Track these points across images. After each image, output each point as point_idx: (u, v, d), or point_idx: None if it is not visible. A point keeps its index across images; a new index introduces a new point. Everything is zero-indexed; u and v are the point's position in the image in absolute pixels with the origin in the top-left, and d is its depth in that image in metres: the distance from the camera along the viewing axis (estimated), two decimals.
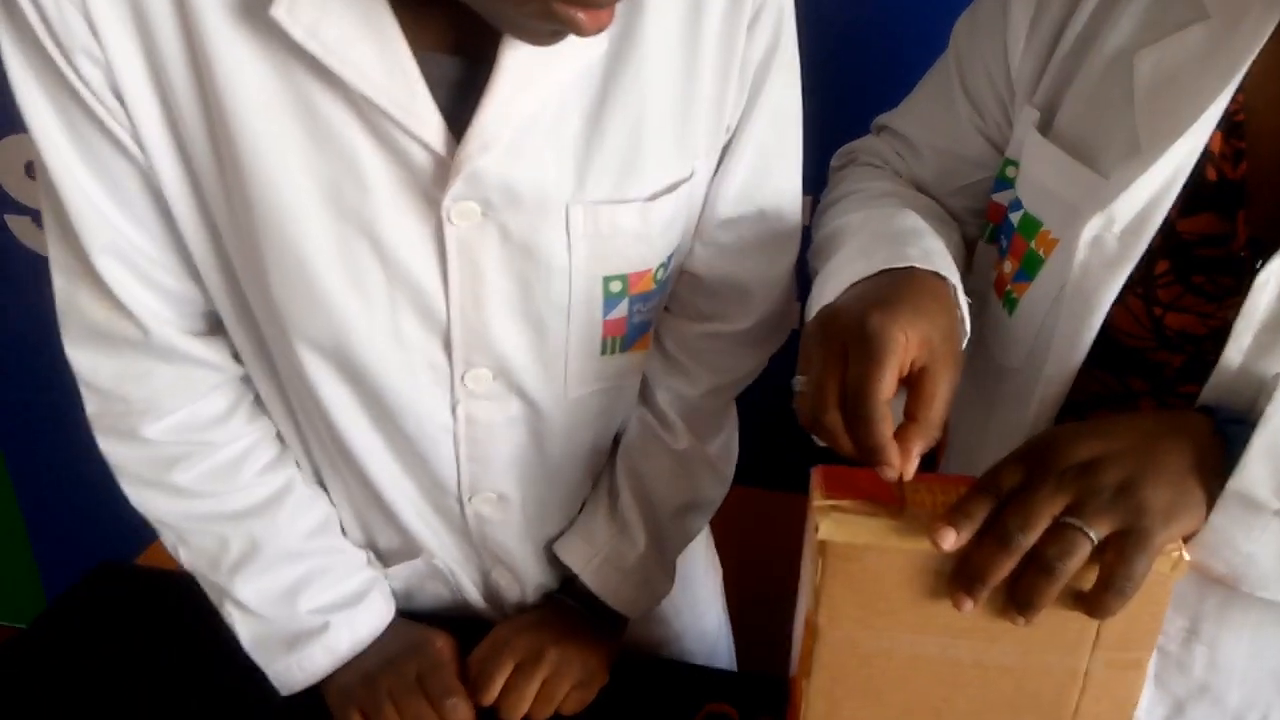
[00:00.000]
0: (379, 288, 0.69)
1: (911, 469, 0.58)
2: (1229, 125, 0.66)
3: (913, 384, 0.60)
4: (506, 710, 0.80)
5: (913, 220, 0.75)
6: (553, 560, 0.89)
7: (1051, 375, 0.73)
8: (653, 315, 0.80)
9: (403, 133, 0.63)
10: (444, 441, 0.78)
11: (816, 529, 0.58)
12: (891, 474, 0.58)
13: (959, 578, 0.57)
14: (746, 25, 0.70)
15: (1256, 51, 0.63)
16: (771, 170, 0.78)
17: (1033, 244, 0.76)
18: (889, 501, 0.59)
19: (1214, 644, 0.72)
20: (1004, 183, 0.82)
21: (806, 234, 0.84)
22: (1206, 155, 0.66)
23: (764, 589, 1.02)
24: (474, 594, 0.90)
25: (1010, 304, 0.79)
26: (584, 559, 0.87)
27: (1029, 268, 0.76)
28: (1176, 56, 0.67)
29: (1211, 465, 0.59)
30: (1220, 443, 0.60)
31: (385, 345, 0.71)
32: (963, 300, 0.68)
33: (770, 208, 0.79)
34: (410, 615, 0.88)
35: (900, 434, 0.58)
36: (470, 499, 0.82)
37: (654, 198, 0.71)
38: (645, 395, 0.87)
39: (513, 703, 0.79)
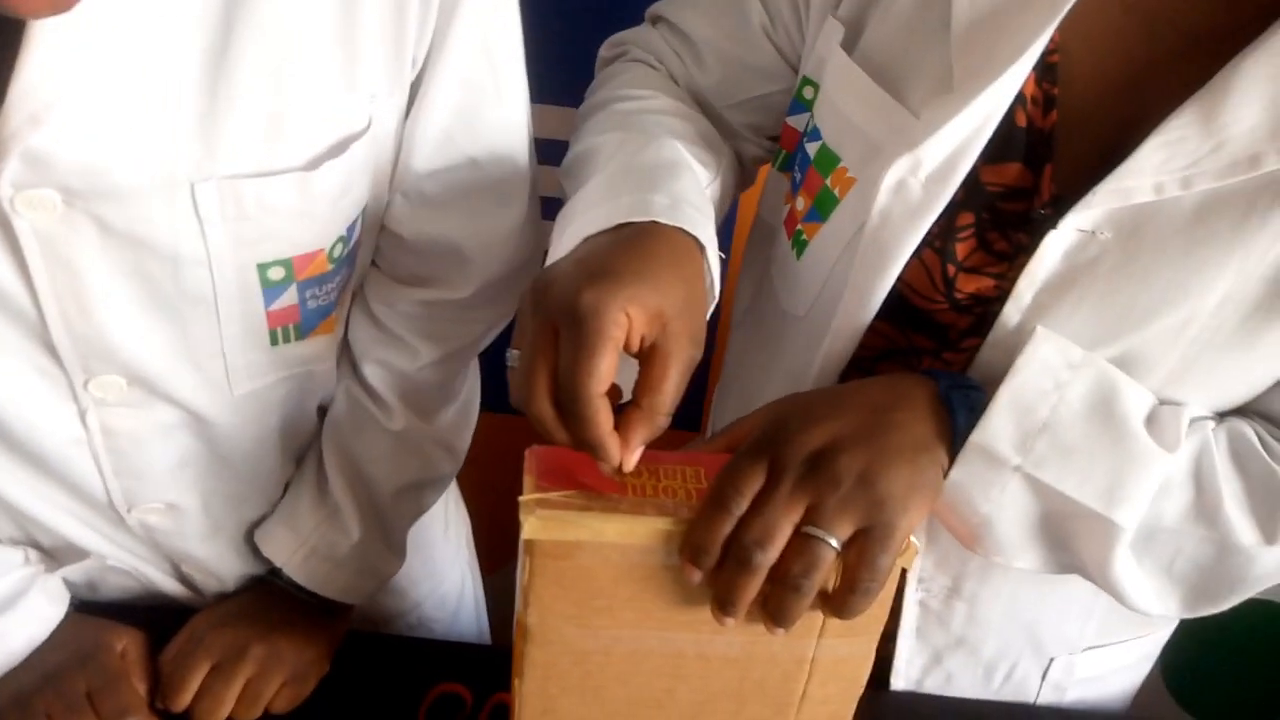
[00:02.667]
0: None
1: (632, 460, 0.52)
2: (1044, 67, 0.61)
3: (642, 363, 0.53)
4: (200, 716, 0.70)
5: (670, 151, 0.66)
6: (255, 548, 0.78)
7: (839, 329, 0.67)
8: (336, 295, 0.68)
9: None
10: (78, 454, 0.65)
11: (522, 525, 0.51)
12: (608, 469, 0.52)
13: (714, 600, 0.52)
14: None
15: None
16: (482, 109, 0.67)
17: (828, 181, 0.69)
18: (606, 488, 0.53)
19: (973, 601, 0.73)
20: (801, 105, 0.74)
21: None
22: (1019, 98, 0.60)
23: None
24: (168, 585, 0.79)
25: (800, 246, 0.72)
26: (288, 551, 0.76)
27: (822, 207, 0.70)
28: None
29: (942, 434, 0.57)
30: (947, 410, 0.58)
31: None
32: (713, 258, 0.60)
33: (484, 154, 0.68)
34: (96, 607, 0.76)
35: (623, 421, 0.52)
36: (129, 511, 0.70)
37: (315, 164, 0.59)
38: (352, 367, 0.76)
39: (207, 708, 0.70)
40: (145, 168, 0.54)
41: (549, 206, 0.70)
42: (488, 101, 0.67)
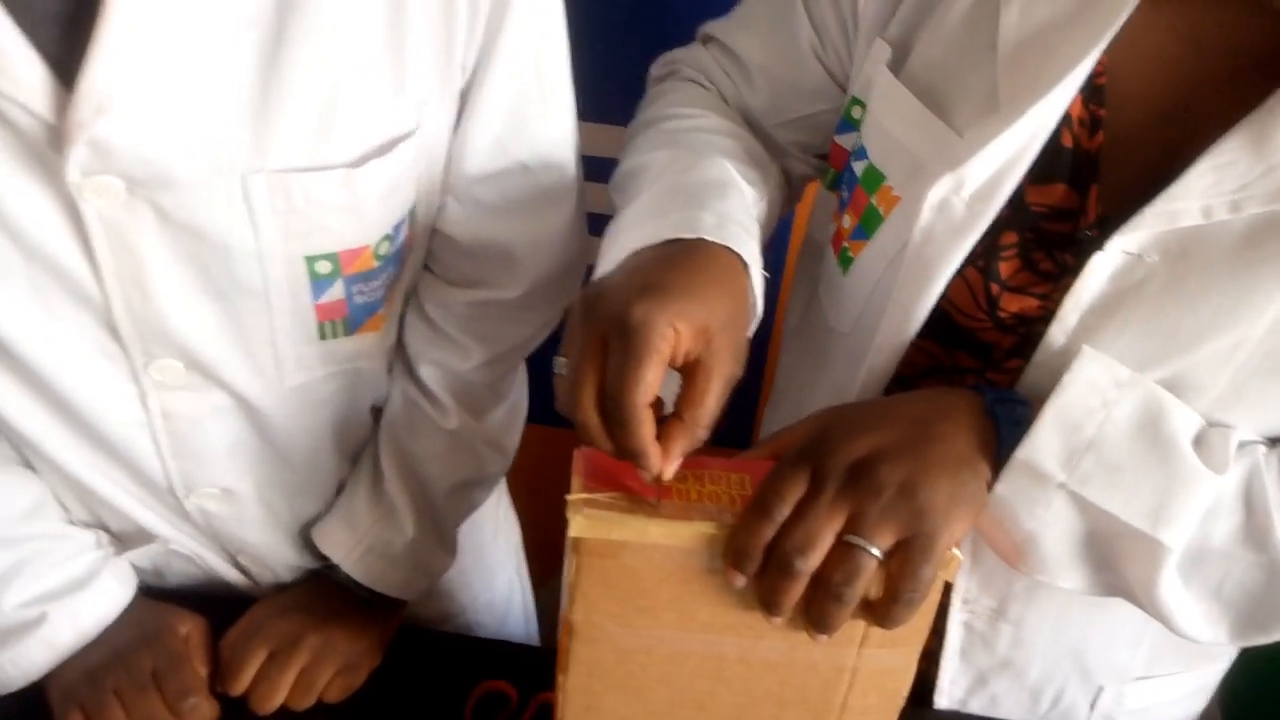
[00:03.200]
0: (15, 268, 0.58)
1: (671, 470, 0.53)
2: (1090, 89, 0.61)
3: (685, 377, 0.54)
4: (257, 701, 0.73)
5: (718, 170, 0.68)
6: (311, 544, 0.81)
7: (881, 346, 0.68)
8: (383, 292, 0.71)
9: None
10: (139, 436, 0.68)
11: (569, 523, 0.53)
12: (649, 478, 0.53)
13: (759, 601, 0.53)
14: None
15: (1131, 9, 0.58)
16: (531, 114, 0.69)
17: (873, 199, 0.70)
18: (650, 494, 0.54)
19: (1019, 623, 0.72)
20: (849, 124, 0.75)
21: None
22: (1065, 119, 0.61)
23: None
24: (230, 573, 0.82)
25: (845, 263, 0.73)
26: (345, 549, 0.79)
27: (867, 225, 0.71)
28: (1046, 6, 0.60)
29: (986, 448, 0.57)
30: (992, 425, 0.58)
31: (39, 332, 0.61)
32: (756, 277, 0.61)
33: (533, 160, 0.70)
34: (162, 592, 0.80)
35: (664, 432, 0.53)
36: (188, 495, 0.73)
37: (361, 162, 0.61)
38: (408, 368, 0.79)
39: (263, 693, 0.73)
40: (200, 159, 0.56)
41: (596, 222, 0.72)
42: (536, 107, 0.69)
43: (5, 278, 0.58)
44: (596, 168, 0.79)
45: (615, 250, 0.61)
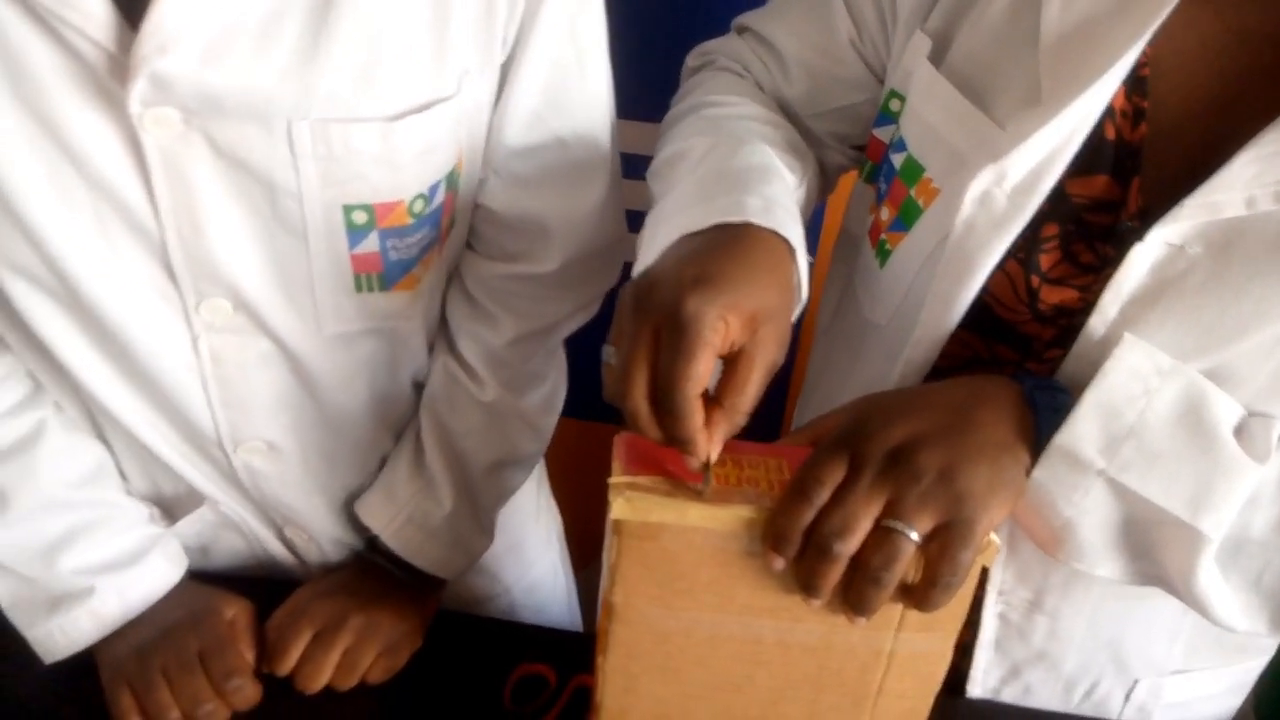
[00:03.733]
0: (83, 199, 0.61)
1: (715, 453, 0.54)
2: (1134, 80, 0.61)
3: (727, 364, 0.55)
4: (302, 681, 0.74)
5: (760, 155, 0.68)
6: (354, 518, 0.83)
7: (920, 339, 0.68)
8: (418, 252, 0.72)
9: (61, 21, 0.55)
10: (190, 382, 0.71)
11: (610, 506, 0.54)
12: (695, 464, 0.54)
13: (798, 583, 0.54)
14: None
15: (1175, 1, 0.58)
16: (569, 91, 0.71)
17: (913, 191, 0.70)
18: (690, 477, 0.55)
19: (1055, 615, 0.72)
20: (887, 117, 0.75)
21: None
22: (1108, 111, 0.60)
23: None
24: (275, 547, 0.84)
25: (883, 255, 0.73)
26: (385, 519, 0.81)
27: (906, 217, 0.71)
28: None
29: (1025, 434, 0.58)
30: (1031, 411, 0.58)
31: (102, 268, 0.64)
32: (802, 261, 0.62)
33: (570, 135, 0.72)
34: (209, 574, 0.82)
35: (705, 417, 0.54)
36: (235, 449, 0.75)
37: (399, 117, 0.64)
38: (449, 341, 0.81)
39: (309, 673, 0.74)
40: (249, 100, 0.60)
41: (634, 220, 0.73)
42: (574, 82, 0.71)
43: (72, 207, 0.61)
44: (630, 165, 0.80)
45: (662, 236, 0.61)
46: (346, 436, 0.79)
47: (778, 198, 0.63)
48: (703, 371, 0.52)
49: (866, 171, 0.81)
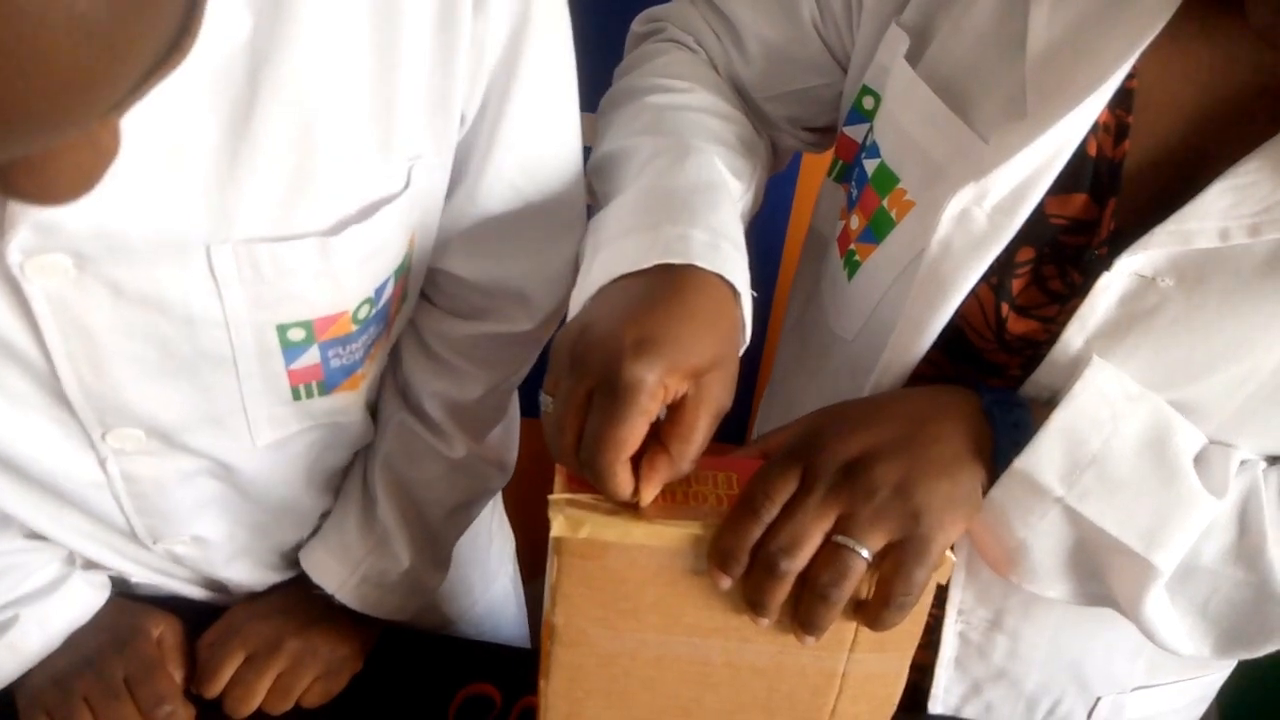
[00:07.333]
0: None
1: (650, 497, 0.51)
2: (1120, 93, 0.57)
3: (671, 410, 0.52)
4: (231, 704, 0.71)
5: (707, 170, 0.63)
6: (291, 560, 0.78)
7: (890, 362, 0.64)
8: (362, 354, 0.66)
9: None
10: (100, 498, 0.64)
11: (551, 523, 0.51)
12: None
13: (745, 601, 0.51)
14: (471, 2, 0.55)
15: (1170, 14, 0.54)
16: (544, 156, 0.65)
17: (885, 202, 0.66)
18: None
19: (1016, 635, 0.71)
20: (860, 115, 0.71)
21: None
22: (1092, 126, 0.57)
23: None
24: (201, 594, 0.79)
25: (852, 267, 0.70)
26: (338, 580, 0.75)
27: (877, 229, 0.67)
28: (1079, 7, 0.57)
29: (983, 449, 0.56)
30: (989, 425, 0.56)
31: None
32: (747, 303, 0.58)
33: (544, 196, 0.66)
34: (136, 595, 0.77)
35: (647, 460, 0.51)
36: (155, 544, 0.70)
37: (339, 229, 0.56)
38: (407, 399, 0.75)
39: (239, 696, 0.71)
40: (159, 231, 0.52)
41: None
42: (549, 148, 0.65)
43: None
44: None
45: (599, 269, 0.57)
46: (281, 512, 0.74)
47: (724, 228, 0.58)
48: (633, 440, 0.49)
49: (837, 171, 0.78)
